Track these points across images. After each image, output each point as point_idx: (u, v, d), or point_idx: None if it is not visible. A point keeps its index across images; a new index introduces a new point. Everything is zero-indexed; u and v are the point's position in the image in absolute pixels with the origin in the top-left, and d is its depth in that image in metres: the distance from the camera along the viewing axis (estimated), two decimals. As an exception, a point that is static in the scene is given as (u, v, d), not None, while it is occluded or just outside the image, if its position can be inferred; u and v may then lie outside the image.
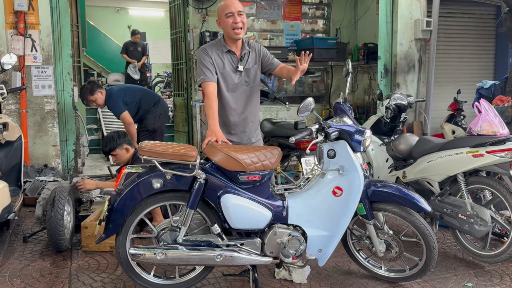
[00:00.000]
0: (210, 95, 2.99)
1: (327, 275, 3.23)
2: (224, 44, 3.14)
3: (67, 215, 3.54)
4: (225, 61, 3.12)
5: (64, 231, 3.38)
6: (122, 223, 2.69)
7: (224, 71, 3.12)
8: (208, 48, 3.13)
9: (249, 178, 2.74)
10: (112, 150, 3.90)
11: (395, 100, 4.26)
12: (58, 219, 3.34)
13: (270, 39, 8.06)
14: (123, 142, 3.91)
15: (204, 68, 3.05)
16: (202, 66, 3.06)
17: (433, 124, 6.47)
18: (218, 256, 2.68)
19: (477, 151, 3.32)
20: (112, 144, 3.89)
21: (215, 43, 3.19)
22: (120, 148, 3.90)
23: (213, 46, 3.15)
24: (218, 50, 3.12)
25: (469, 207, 3.37)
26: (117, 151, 3.90)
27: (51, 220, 3.33)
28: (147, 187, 2.65)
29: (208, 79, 3.03)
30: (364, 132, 2.83)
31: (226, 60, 3.13)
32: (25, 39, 5.12)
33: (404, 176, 3.93)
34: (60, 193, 3.47)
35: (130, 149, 3.96)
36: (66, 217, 3.47)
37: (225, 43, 3.14)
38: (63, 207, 3.39)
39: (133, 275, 2.79)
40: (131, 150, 3.96)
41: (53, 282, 3.05)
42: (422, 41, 6.55)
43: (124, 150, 3.92)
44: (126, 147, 3.93)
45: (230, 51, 3.14)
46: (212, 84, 3.04)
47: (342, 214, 2.80)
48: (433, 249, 2.91)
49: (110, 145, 3.89)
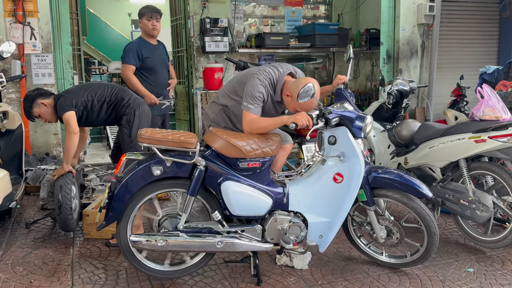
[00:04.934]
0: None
1: (328, 261, 3.23)
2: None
3: (75, 199, 3.50)
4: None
5: (72, 213, 3.38)
6: (122, 210, 2.69)
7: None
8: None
9: (249, 165, 2.73)
10: (31, 114, 3.52)
11: (397, 86, 4.22)
12: (67, 199, 3.30)
13: (271, 25, 7.99)
14: (35, 98, 3.48)
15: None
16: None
17: (436, 110, 6.42)
18: (219, 242, 2.68)
19: (480, 136, 3.30)
20: (27, 107, 3.51)
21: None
22: (37, 107, 3.48)
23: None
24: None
25: (471, 192, 3.35)
26: (35, 111, 3.49)
27: (61, 215, 3.31)
28: (147, 174, 2.64)
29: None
30: (365, 118, 2.81)
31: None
32: (24, 27, 5.08)
33: (406, 162, 3.91)
34: (66, 177, 3.42)
35: (48, 101, 3.50)
36: (73, 202, 3.44)
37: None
38: (70, 191, 3.36)
39: (134, 262, 2.79)
40: (49, 101, 3.50)
41: (55, 270, 3.07)
42: (425, 26, 6.47)
43: (43, 106, 3.49)
44: (42, 102, 3.48)
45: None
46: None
47: (343, 201, 2.79)
48: (434, 235, 2.90)
49: (26, 110, 3.53)
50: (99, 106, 3.54)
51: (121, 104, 3.56)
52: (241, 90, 2.90)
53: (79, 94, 3.53)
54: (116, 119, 3.63)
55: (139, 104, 3.62)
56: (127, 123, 3.53)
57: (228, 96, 3.01)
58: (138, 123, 3.54)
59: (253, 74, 2.88)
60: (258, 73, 2.86)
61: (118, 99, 3.57)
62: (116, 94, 3.59)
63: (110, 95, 3.57)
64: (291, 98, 2.83)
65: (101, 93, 3.57)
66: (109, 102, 3.56)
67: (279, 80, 2.90)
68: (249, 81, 2.85)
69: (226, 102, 3.02)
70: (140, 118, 3.57)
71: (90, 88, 3.60)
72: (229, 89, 3.03)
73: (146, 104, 3.73)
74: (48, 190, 3.75)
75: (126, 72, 4.21)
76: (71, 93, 3.56)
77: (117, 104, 3.57)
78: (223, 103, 3.04)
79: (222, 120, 3.05)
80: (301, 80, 2.82)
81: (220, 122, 3.05)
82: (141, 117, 3.58)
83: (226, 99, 3.03)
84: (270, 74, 2.88)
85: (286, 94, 2.88)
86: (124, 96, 3.60)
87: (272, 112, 3.02)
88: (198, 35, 6.96)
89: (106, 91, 3.58)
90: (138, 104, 3.61)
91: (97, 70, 13.01)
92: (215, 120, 3.07)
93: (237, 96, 2.95)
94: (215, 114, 3.08)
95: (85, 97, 3.52)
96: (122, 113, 3.56)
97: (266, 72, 2.88)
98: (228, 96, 3.01)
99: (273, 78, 2.89)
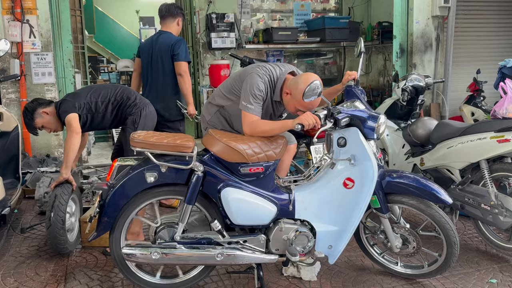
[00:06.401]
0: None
1: (339, 271, 3.01)
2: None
3: (71, 217, 3.25)
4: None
5: (64, 239, 3.06)
6: (115, 220, 2.49)
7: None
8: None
9: (252, 170, 2.52)
10: (33, 127, 3.33)
11: (412, 81, 3.97)
12: (60, 210, 3.00)
13: (279, 20, 7.77)
14: (35, 109, 3.28)
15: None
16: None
17: (451, 106, 6.17)
18: (219, 255, 2.48)
19: (503, 136, 3.05)
20: (28, 121, 3.29)
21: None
22: (39, 117, 3.28)
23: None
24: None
25: (493, 196, 3.11)
26: (37, 122, 3.29)
27: (51, 227, 3.00)
28: (141, 181, 2.44)
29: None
30: (378, 118, 2.57)
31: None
32: (22, 24, 4.92)
33: (422, 163, 3.67)
34: (64, 188, 3.13)
35: (49, 109, 3.30)
36: (69, 220, 3.18)
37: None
38: (66, 202, 3.07)
39: (128, 275, 2.60)
40: (50, 109, 3.30)
41: (47, 281, 2.89)
42: (439, 19, 6.21)
43: (45, 115, 3.29)
44: (43, 111, 3.28)
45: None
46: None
47: (354, 208, 2.57)
48: (454, 244, 2.67)
49: (27, 124, 3.31)
50: (103, 107, 3.34)
51: (126, 104, 3.36)
52: (238, 89, 2.68)
53: (81, 96, 3.33)
54: (121, 120, 3.41)
55: (146, 105, 3.41)
56: (133, 123, 3.32)
57: (224, 95, 2.79)
58: (144, 124, 3.33)
59: (251, 70, 2.65)
60: (258, 69, 2.64)
61: (124, 98, 3.37)
62: (122, 93, 3.38)
63: (114, 95, 3.36)
64: (291, 96, 2.59)
65: (105, 94, 3.36)
66: (114, 102, 3.35)
67: (280, 79, 2.66)
68: (248, 78, 2.62)
69: (222, 103, 2.80)
70: (146, 119, 3.36)
71: (92, 90, 3.41)
72: (225, 88, 2.81)
73: (151, 105, 3.49)
74: (44, 191, 3.60)
75: (187, 71, 3.94)
76: (73, 96, 3.36)
77: (123, 104, 3.36)
78: (219, 103, 2.82)
79: (218, 122, 2.83)
80: (301, 76, 2.59)
81: (217, 125, 2.83)
82: (147, 118, 3.38)
83: (222, 99, 2.81)
84: (270, 71, 2.65)
85: (286, 92, 2.63)
86: (130, 96, 3.39)
87: (270, 114, 2.80)
88: (204, 31, 6.79)
89: (110, 92, 3.38)
90: (145, 104, 3.41)
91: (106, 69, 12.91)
92: (211, 122, 2.85)
93: (233, 95, 2.73)
94: (211, 116, 2.85)
95: (88, 98, 3.32)
96: (128, 113, 3.35)
97: (266, 68, 2.65)
98: (224, 96, 2.79)
99: (273, 75, 2.66)
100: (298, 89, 2.50)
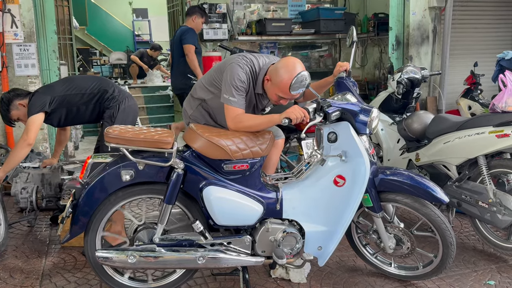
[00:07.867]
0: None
1: (330, 273, 2.87)
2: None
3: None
4: None
5: None
6: (88, 220, 2.33)
7: None
8: None
9: (236, 167, 2.36)
10: (9, 119, 3.18)
11: (408, 73, 3.81)
12: None
13: (273, 11, 7.59)
14: (12, 100, 3.13)
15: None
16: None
17: (448, 99, 6.03)
18: (201, 257, 2.32)
19: (502, 130, 2.91)
20: (3, 112, 3.15)
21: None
22: (15, 109, 3.14)
23: None
24: None
25: (491, 193, 2.99)
26: (13, 114, 3.15)
27: None
28: (116, 179, 2.28)
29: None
30: (370, 112, 2.42)
31: None
32: (3, 14, 4.72)
33: (418, 158, 3.53)
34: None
35: (26, 101, 3.13)
36: None
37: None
38: None
39: (105, 278, 2.45)
40: (27, 101, 3.12)
41: (21, 284, 2.73)
42: (436, 10, 6.04)
43: (21, 108, 3.13)
44: (20, 103, 3.13)
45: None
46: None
47: (345, 207, 2.42)
48: (451, 244, 2.53)
49: (3, 115, 3.16)
50: (78, 100, 3.15)
51: (104, 97, 3.17)
52: (219, 81, 2.51)
53: (56, 89, 3.15)
54: (100, 114, 3.23)
55: (125, 97, 3.23)
56: (110, 117, 3.14)
57: (205, 87, 2.62)
58: (122, 118, 3.15)
59: (231, 60, 2.49)
60: (238, 59, 2.47)
61: (101, 91, 3.17)
62: (99, 86, 3.19)
63: (91, 87, 3.17)
64: (271, 83, 2.44)
65: (80, 86, 3.17)
66: (90, 94, 3.16)
67: (262, 69, 2.50)
68: (228, 68, 2.46)
69: (204, 96, 2.63)
70: (125, 113, 3.18)
71: (68, 81, 3.23)
72: (206, 80, 2.64)
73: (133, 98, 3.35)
74: (20, 187, 3.45)
75: (192, 52, 4.97)
76: (46, 89, 3.18)
77: (100, 97, 3.17)
78: (200, 96, 2.65)
79: (201, 116, 2.67)
80: (281, 61, 2.45)
81: (199, 119, 2.67)
82: (126, 112, 3.19)
83: (203, 91, 2.64)
84: (251, 61, 2.49)
85: (266, 79, 2.48)
86: (108, 88, 3.20)
87: (253, 107, 2.63)
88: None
89: (86, 84, 3.19)
90: (124, 97, 3.22)
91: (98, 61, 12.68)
92: (193, 117, 2.69)
93: (214, 87, 2.56)
94: (193, 110, 2.69)
95: (63, 91, 3.13)
96: (105, 106, 3.17)
97: (247, 58, 2.49)
98: (206, 88, 2.62)
99: (254, 65, 2.49)
100: (278, 74, 2.37)
